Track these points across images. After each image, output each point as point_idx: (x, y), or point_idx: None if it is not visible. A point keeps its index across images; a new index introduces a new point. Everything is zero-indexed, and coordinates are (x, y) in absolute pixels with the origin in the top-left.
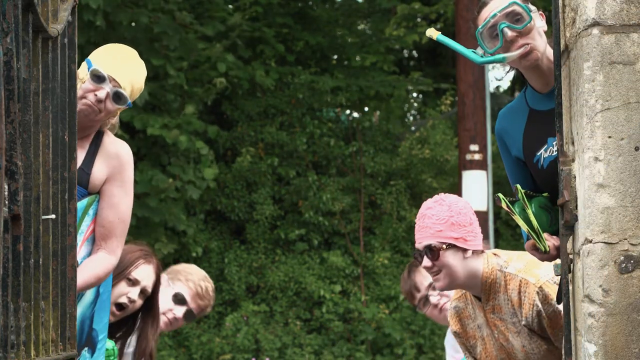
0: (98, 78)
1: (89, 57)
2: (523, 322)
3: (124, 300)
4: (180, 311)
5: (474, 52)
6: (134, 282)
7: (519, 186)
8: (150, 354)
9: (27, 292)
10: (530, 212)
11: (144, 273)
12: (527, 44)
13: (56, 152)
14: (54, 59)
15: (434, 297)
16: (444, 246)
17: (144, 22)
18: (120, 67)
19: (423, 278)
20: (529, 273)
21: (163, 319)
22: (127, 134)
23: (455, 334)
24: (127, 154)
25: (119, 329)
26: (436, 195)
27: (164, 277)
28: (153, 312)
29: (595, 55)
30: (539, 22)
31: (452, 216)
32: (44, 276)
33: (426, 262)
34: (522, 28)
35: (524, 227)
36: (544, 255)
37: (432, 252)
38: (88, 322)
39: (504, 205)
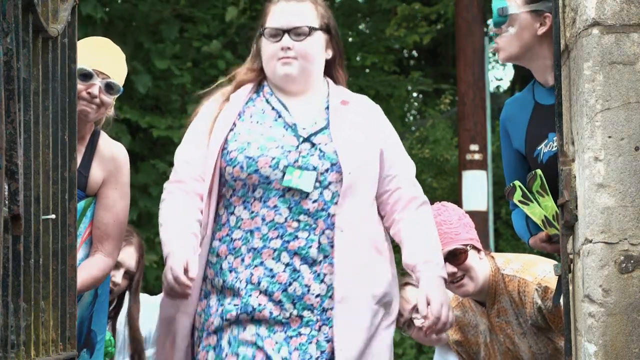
0: (85, 76)
1: None
2: (530, 322)
3: None
4: None
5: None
6: (116, 265)
7: (539, 171)
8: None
9: (27, 292)
10: (549, 197)
11: (126, 255)
12: (497, 43)
13: (56, 152)
14: (54, 59)
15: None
16: (468, 247)
17: (143, 11)
18: (101, 57)
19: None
20: (526, 273)
21: None
22: (128, 135)
23: (457, 342)
24: (122, 157)
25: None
26: (433, 205)
27: None
28: (135, 290)
29: (595, 55)
30: (512, 28)
31: (461, 218)
32: (44, 276)
33: (450, 268)
34: (493, 25)
35: (540, 215)
36: (557, 245)
37: (456, 256)
38: (86, 322)
39: (516, 197)
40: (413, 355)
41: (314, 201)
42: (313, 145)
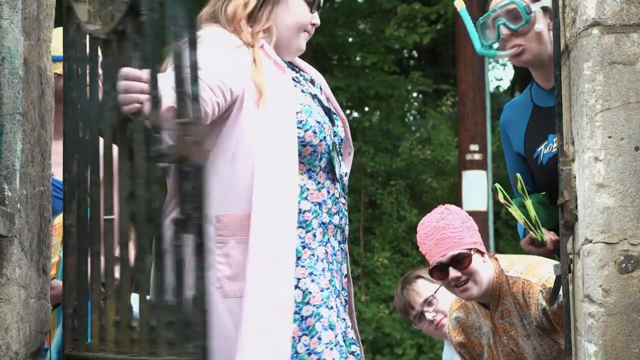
0: None
1: None
2: (534, 324)
3: None
4: None
5: (480, 38)
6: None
7: (518, 175)
8: None
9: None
10: (528, 202)
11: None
12: (520, 45)
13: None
14: None
15: (429, 314)
16: (472, 251)
17: None
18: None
19: (417, 294)
20: (530, 274)
21: None
22: None
23: (460, 344)
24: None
25: None
26: (437, 209)
27: None
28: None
29: (595, 55)
30: (539, 24)
31: (465, 222)
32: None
33: (454, 273)
34: (516, 29)
35: (520, 218)
36: (541, 249)
37: (460, 261)
38: None
39: (500, 197)
40: (413, 355)
41: (346, 174)
42: (333, 114)
